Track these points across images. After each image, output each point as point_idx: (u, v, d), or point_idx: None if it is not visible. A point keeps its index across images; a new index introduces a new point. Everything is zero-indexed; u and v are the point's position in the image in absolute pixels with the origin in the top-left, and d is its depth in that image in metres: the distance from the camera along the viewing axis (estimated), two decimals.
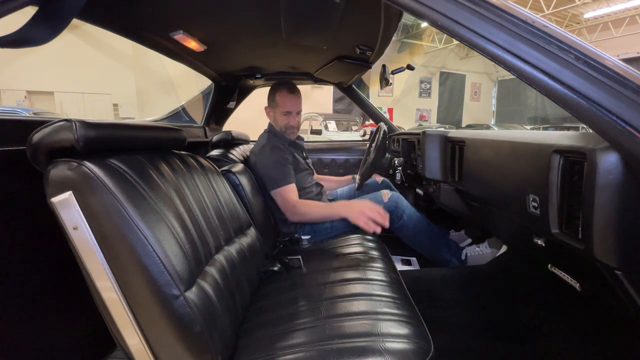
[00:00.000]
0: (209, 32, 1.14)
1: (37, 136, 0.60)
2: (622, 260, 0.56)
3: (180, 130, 0.93)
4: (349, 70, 1.65)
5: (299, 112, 1.51)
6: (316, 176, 1.76)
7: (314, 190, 1.59)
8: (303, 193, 1.51)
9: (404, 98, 13.58)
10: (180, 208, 0.74)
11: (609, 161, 0.53)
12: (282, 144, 1.46)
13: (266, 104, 1.54)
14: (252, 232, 1.10)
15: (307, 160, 1.67)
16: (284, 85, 1.48)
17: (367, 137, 2.44)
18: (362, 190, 1.76)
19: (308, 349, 0.68)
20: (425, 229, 1.56)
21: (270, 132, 1.53)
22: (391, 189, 1.80)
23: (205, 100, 2.02)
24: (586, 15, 10.70)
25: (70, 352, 0.89)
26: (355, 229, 1.45)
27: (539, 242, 0.81)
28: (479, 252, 1.58)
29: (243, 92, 2.04)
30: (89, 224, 0.57)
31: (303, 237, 1.40)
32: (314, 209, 1.34)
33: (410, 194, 2.11)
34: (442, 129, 1.43)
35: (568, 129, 8.90)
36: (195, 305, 0.61)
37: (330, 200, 1.69)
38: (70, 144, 0.59)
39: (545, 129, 10.19)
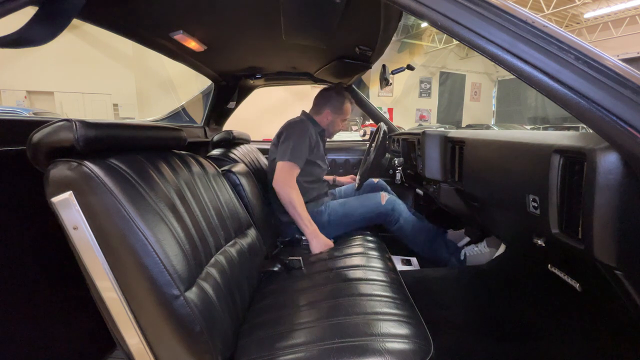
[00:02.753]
0: (209, 32, 1.14)
1: (37, 136, 0.60)
2: (622, 260, 0.56)
3: (180, 130, 0.93)
4: (349, 70, 1.65)
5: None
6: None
7: (325, 188, 1.62)
8: (315, 184, 1.54)
9: (404, 98, 13.58)
10: (180, 208, 0.74)
11: (609, 161, 0.53)
12: (312, 129, 1.50)
13: (307, 104, 1.65)
14: (252, 232, 1.10)
15: (326, 156, 1.70)
16: (348, 96, 1.61)
17: (367, 137, 2.44)
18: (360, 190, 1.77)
19: (308, 349, 0.68)
20: (422, 231, 1.57)
21: (308, 119, 1.58)
22: (387, 190, 1.81)
23: (205, 100, 2.02)
24: (586, 15, 10.70)
25: (70, 352, 0.89)
26: (355, 231, 1.46)
27: (539, 242, 0.81)
28: (478, 252, 1.58)
29: (243, 92, 2.04)
30: (89, 224, 0.57)
31: (303, 237, 1.40)
32: (298, 207, 1.34)
33: (410, 194, 2.11)
34: (442, 129, 1.43)
35: (568, 129, 8.90)
36: (195, 305, 0.61)
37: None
38: (70, 143, 0.59)
39: (545, 129, 10.19)
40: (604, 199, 0.54)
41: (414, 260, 1.69)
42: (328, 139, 1.76)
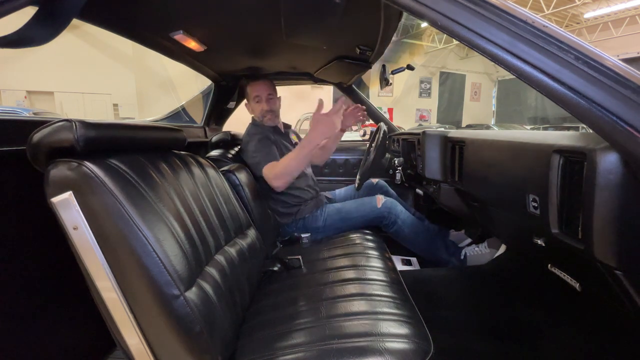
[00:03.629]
0: (209, 32, 1.14)
1: (37, 136, 0.60)
2: (622, 260, 0.56)
3: (180, 130, 0.93)
4: (349, 70, 1.65)
5: (270, 96, 1.52)
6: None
7: (311, 182, 1.59)
8: (298, 183, 1.50)
9: (404, 98, 13.59)
10: (180, 208, 0.74)
11: (609, 161, 0.53)
12: (261, 129, 1.49)
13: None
14: (252, 232, 1.10)
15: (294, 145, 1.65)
16: (250, 76, 1.60)
17: (367, 137, 2.44)
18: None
19: (308, 348, 0.68)
20: (421, 232, 1.56)
21: (253, 124, 1.56)
22: (387, 191, 1.80)
23: (205, 100, 2.02)
24: (586, 15, 10.71)
25: (70, 352, 0.89)
26: (354, 230, 1.46)
27: (539, 242, 0.81)
28: (478, 252, 1.58)
29: (243, 92, 2.04)
30: (89, 224, 0.57)
31: (303, 236, 1.39)
32: (293, 164, 1.26)
33: (410, 194, 2.11)
34: (442, 129, 1.43)
35: (568, 129, 8.89)
36: (195, 305, 0.61)
37: (328, 199, 1.69)
38: (70, 144, 0.59)
39: (545, 129, 10.17)
40: (604, 198, 0.54)
41: (414, 260, 1.69)
42: (271, 124, 1.57)
